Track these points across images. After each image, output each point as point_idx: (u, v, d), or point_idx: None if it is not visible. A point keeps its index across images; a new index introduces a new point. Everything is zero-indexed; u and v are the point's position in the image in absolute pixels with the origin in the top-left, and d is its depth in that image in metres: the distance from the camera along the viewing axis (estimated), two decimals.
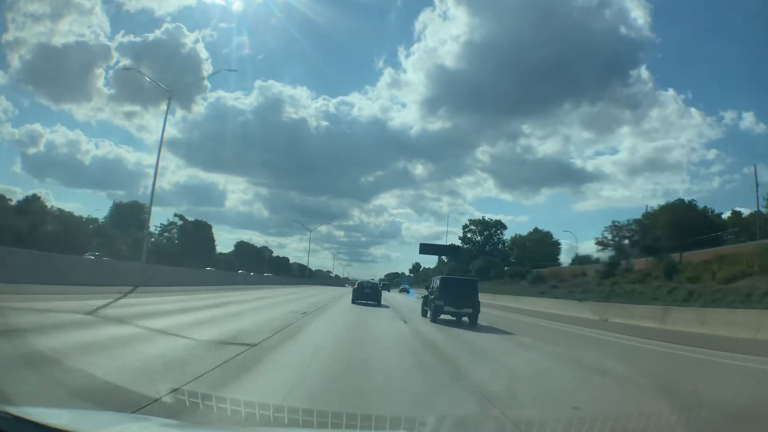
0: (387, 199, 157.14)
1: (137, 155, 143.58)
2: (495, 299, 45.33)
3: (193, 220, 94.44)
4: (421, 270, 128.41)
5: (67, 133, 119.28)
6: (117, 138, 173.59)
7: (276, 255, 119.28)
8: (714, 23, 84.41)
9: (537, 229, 72.70)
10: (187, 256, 73.23)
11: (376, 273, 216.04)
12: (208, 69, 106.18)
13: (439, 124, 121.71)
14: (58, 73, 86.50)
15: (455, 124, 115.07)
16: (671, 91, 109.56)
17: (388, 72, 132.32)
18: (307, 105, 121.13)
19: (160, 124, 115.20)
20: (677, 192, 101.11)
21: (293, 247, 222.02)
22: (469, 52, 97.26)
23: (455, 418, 5.22)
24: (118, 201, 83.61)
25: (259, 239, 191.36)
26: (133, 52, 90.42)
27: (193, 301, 19.77)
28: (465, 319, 19.33)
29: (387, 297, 44.59)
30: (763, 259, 24.54)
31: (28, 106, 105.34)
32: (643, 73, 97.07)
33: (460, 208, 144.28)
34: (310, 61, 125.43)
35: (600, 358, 11.81)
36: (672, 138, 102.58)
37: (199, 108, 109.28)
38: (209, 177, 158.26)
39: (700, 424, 5.68)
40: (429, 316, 20.35)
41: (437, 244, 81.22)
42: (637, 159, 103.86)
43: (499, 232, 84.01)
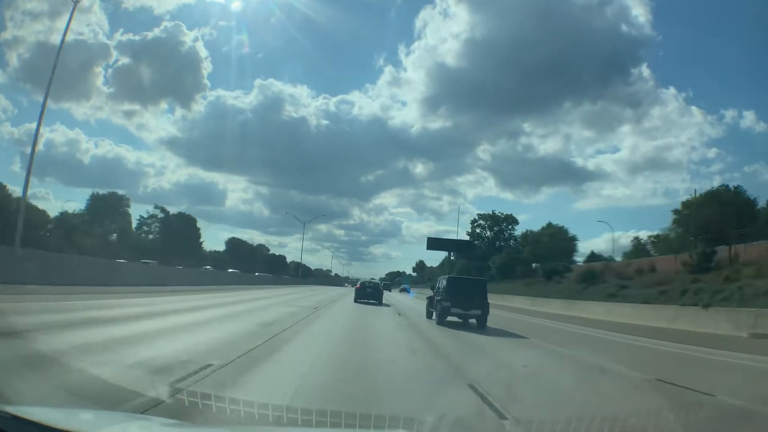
0: (387, 198, 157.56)
1: (137, 154, 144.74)
2: (533, 304, 37.55)
3: (176, 212, 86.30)
4: (425, 268, 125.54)
5: (67, 132, 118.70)
6: (116, 137, 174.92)
7: (273, 253, 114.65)
8: (715, 21, 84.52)
9: (551, 224, 65.27)
10: (170, 254, 66.89)
11: (376, 272, 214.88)
12: (207, 67, 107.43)
13: (440, 123, 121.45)
14: (57, 72, 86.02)
15: (456, 123, 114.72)
16: (672, 90, 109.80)
17: (389, 70, 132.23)
18: (307, 104, 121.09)
19: (160, 123, 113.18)
20: (677, 191, 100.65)
21: (294, 247, 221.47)
22: (470, 50, 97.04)
23: (454, 417, 5.22)
24: (95, 192, 77.02)
25: (260, 238, 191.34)
26: (133, 50, 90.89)
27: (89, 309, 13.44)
28: (473, 320, 18.33)
29: (388, 297, 44.63)
30: None
31: (27, 105, 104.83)
32: (644, 71, 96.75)
33: (460, 207, 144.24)
34: (310, 60, 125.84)
35: None
36: (673, 137, 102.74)
37: (199, 107, 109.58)
38: (209, 176, 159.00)
39: None
40: (435, 318, 19.40)
41: (447, 238, 72.59)
42: (637, 158, 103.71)
43: (510, 227, 76.04)
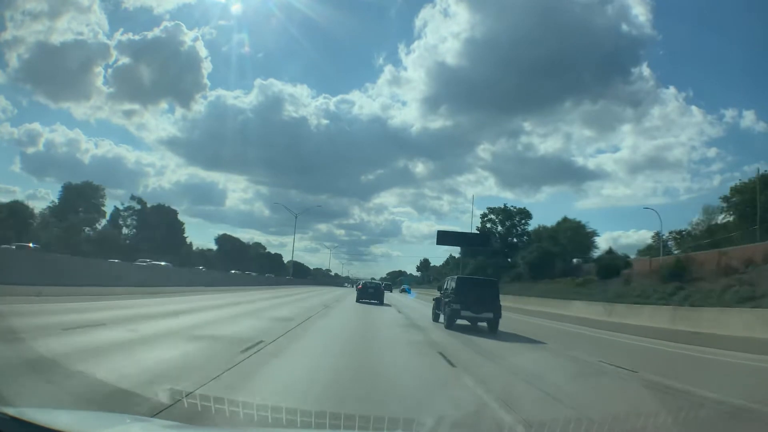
0: (387, 197, 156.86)
1: (137, 154, 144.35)
2: (612, 314, 25.19)
3: (155, 205, 79.18)
4: (430, 267, 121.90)
5: (67, 132, 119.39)
6: (116, 137, 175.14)
7: (269, 252, 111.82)
8: (715, 21, 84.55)
9: (567, 218, 59.60)
10: (148, 250, 61.44)
11: (377, 272, 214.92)
12: (207, 67, 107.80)
13: (440, 122, 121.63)
14: (56, 72, 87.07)
15: (456, 122, 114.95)
16: (672, 89, 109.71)
17: (389, 69, 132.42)
18: (307, 103, 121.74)
19: (160, 122, 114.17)
20: (678, 190, 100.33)
21: (294, 246, 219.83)
22: (470, 49, 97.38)
23: (453, 418, 5.21)
24: (67, 183, 72.61)
25: (260, 238, 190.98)
26: (132, 50, 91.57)
27: None
28: (483, 324, 17.24)
29: (389, 297, 44.52)
30: None
31: (26, 105, 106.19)
32: (645, 70, 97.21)
33: (461, 207, 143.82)
34: (310, 59, 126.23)
35: None
36: (673, 136, 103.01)
37: (199, 106, 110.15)
38: (209, 176, 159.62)
39: None
40: (443, 321, 18.15)
41: (460, 232, 65.08)
42: (638, 157, 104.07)
43: (523, 221, 69.48)
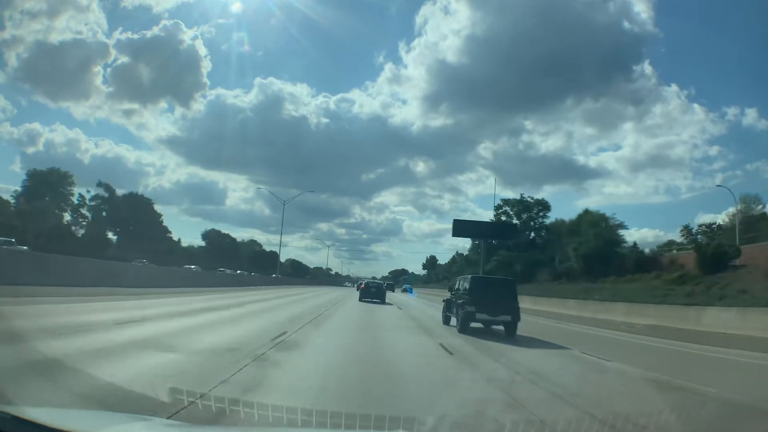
0: (388, 196, 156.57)
1: (137, 153, 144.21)
2: None
3: (127, 193, 71.46)
4: (436, 266, 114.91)
5: (67, 132, 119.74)
6: (116, 136, 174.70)
7: (263, 249, 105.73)
8: (717, 18, 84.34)
9: (588, 211, 52.83)
10: (122, 247, 55.25)
11: (377, 271, 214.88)
12: (207, 66, 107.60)
13: (441, 121, 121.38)
14: (55, 71, 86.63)
15: (457, 121, 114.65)
16: (674, 87, 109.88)
17: (389, 67, 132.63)
18: (307, 102, 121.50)
19: (160, 122, 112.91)
20: (679, 188, 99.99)
21: (295, 245, 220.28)
22: (471, 46, 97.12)
23: (454, 418, 5.22)
24: (31, 169, 67.60)
25: (261, 237, 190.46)
26: (132, 49, 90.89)
27: None
28: (500, 327, 16.01)
29: (391, 297, 44.42)
30: None
31: (26, 105, 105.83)
32: (647, 68, 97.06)
33: (461, 206, 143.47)
34: (310, 58, 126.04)
35: None
36: (674, 134, 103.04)
37: (199, 106, 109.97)
38: (209, 175, 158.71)
39: None
40: (456, 324, 16.62)
41: (481, 221, 59.24)
42: (639, 155, 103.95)
43: (541, 213, 64.16)
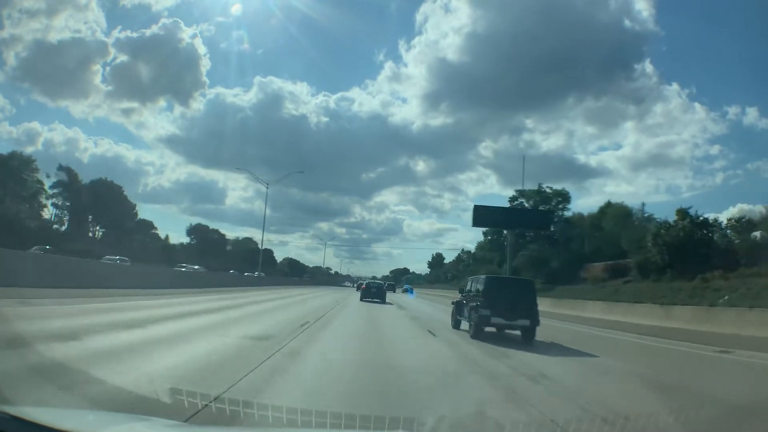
0: (388, 195, 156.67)
1: (136, 153, 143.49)
2: None
3: (96, 179, 64.57)
4: (444, 264, 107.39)
5: (66, 131, 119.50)
6: (115, 135, 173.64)
7: (258, 247, 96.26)
8: (719, 17, 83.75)
9: (610, 203, 46.69)
10: (84, 240, 49.44)
11: (378, 270, 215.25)
12: (206, 64, 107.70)
13: (441, 119, 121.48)
14: (54, 70, 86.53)
15: (457, 120, 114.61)
16: (675, 86, 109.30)
17: (389, 66, 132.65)
18: (307, 101, 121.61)
19: (159, 121, 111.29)
20: (680, 188, 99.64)
21: (295, 245, 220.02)
22: (472, 44, 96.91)
23: (454, 419, 5.22)
24: None
25: (261, 236, 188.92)
26: (131, 47, 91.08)
27: None
28: (517, 332, 14.92)
29: (391, 297, 44.39)
30: None
31: (25, 104, 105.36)
32: (648, 67, 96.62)
33: (462, 205, 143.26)
34: (309, 56, 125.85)
35: None
36: (675, 133, 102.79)
37: (198, 104, 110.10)
38: (209, 174, 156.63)
39: None
40: (469, 330, 15.28)
41: (511, 207, 51.58)
42: (640, 154, 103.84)
43: (561, 206, 55.25)
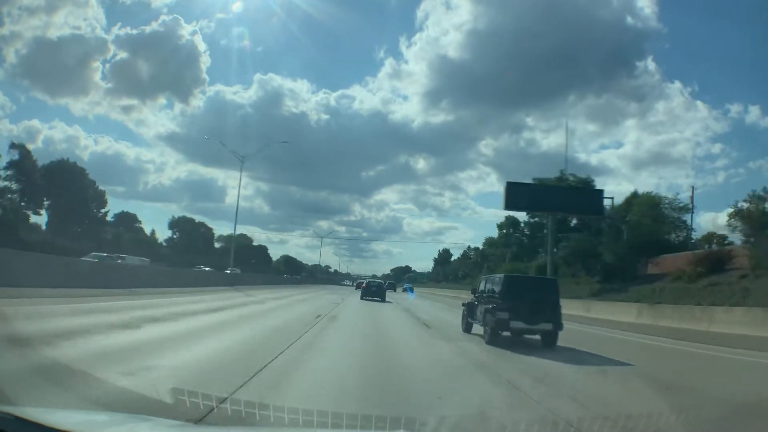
0: (388, 194, 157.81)
1: (136, 150, 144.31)
2: None
3: (56, 161, 59.37)
4: (451, 261, 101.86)
5: (66, 129, 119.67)
6: (115, 132, 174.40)
7: (252, 244, 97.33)
8: (722, 14, 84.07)
9: (637, 193, 39.71)
10: (50, 232, 44.41)
11: (378, 269, 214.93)
12: (206, 62, 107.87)
13: (442, 117, 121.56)
14: (54, 67, 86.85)
15: (458, 117, 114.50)
16: (677, 84, 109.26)
17: (390, 63, 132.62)
18: (307, 98, 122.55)
19: (159, 118, 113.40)
20: (681, 186, 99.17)
21: (294, 243, 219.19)
22: (473, 41, 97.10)
23: (455, 419, 5.23)
24: None
25: (260, 236, 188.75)
26: (130, 45, 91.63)
27: None
28: (537, 337, 13.59)
29: (391, 296, 44.37)
30: None
31: (25, 102, 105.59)
32: (650, 64, 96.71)
33: (462, 203, 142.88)
34: (310, 54, 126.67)
35: None
36: (677, 131, 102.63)
37: (198, 102, 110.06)
38: (209, 172, 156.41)
39: None
40: (484, 334, 13.83)
41: (555, 185, 41.41)
42: (641, 153, 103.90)
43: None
